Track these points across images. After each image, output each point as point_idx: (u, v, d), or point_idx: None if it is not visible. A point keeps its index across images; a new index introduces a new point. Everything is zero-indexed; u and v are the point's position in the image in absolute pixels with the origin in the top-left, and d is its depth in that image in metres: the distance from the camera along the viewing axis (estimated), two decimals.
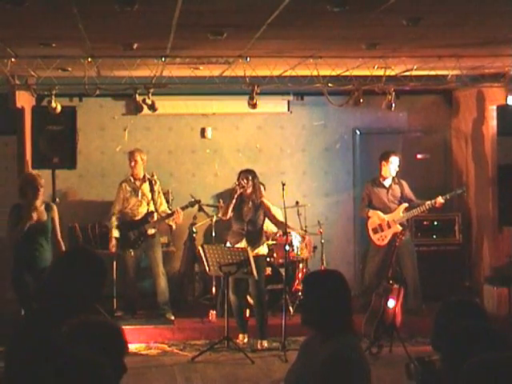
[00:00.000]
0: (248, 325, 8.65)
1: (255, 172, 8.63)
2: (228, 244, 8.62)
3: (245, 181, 8.44)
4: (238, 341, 8.47)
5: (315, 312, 3.66)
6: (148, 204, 9.38)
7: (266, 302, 8.62)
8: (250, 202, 8.53)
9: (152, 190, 9.35)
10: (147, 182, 9.38)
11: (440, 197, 9.23)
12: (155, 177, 9.52)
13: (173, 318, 9.23)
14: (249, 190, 8.48)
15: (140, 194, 9.36)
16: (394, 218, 9.37)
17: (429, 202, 9.26)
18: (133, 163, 9.35)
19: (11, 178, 9.43)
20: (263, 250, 8.62)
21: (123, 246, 9.32)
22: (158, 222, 9.34)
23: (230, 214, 8.48)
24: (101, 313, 8.60)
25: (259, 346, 8.43)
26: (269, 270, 9.17)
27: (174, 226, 9.49)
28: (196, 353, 8.25)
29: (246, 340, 8.54)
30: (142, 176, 9.38)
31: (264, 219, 8.59)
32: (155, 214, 9.34)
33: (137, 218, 9.34)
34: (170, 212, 9.32)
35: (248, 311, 8.78)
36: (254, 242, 8.51)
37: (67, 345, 2.92)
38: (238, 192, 8.41)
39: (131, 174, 9.40)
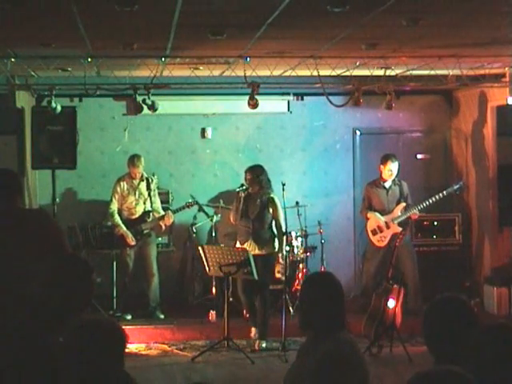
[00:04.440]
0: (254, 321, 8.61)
1: (262, 168, 8.59)
2: (238, 243, 8.58)
3: (247, 181, 8.42)
4: (251, 335, 8.49)
5: (311, 314, 3.69)
6: (145, 203, 9.38)
7: (269, 302, 8.61)
8: (258, 200, 8.47)
9: (148, 189, 9.36)
10: (144, 181, 9.38)
11: (434, 196, 9.29)
12: (155, 177, 9.52)
13: (162, 316, 9.24)
14: (255, 188, 8.45)
15: (137, 193, 9.36)
16: (392, 218, 9.37)
17: (426, 203, 9.31)
18: (134, 170, 9.29)
19: None
20: (272, 249, 8.55)
21: (120, 245, 9.32)
22: (152, 223, 9.34)
23: (239, 217, 8.45)
24: (100, 312, 8.64)
25: (256, 347, 8.42)
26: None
27: (163, 228, 9.44)
28: (196, 353, 8.25)
29: (259, 345, 8.47)
30: (139, 176, 9.38)
31: (272, 217, 8.49)
32: (151, 214, 9.34)
33: (134, 217, 9.34)
34: (162, 214, 9.33)
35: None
36: (262, 241, 8.46)
37: (63, 351, 2.92)
38: (242, 194, 8.38)
39: (130, 174, 9.37)
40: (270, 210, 8.47)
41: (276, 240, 8.52)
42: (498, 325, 2.98)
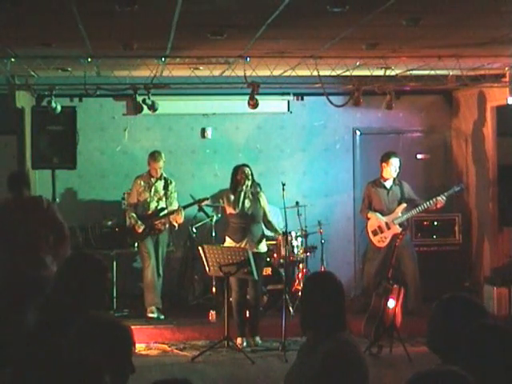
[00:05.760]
0: (247, 326, 8.59)
1: None
2: (229, 240, 8.54)
3: (244, 175, 8.42)
4: (237, 344, 8.42)
5: (311, 314, 3.69)
6: (158, 201, 9.41)
7: (260, 299, 8.69)
8: (250, 195, 8.51)
9: (166, 189, 9.40)
10: (162, 181, 9.44)
11: (439, 197, 9.21)
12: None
13: (162, 316, 9.23)
14: (249, 183, 8.47)
15: (153, 191, 9.41)
16: (393, 219, 9.35)
17: (428, 203, 9.24)
18: (155, 165, 9.31)
19: None
20: (263, 247, 8.60)
21: (135, 238, 9.36)
22: (164, 217, 9.35)
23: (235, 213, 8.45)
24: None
25: (253, 342, 8.44)
26: (269, 270, 9.17)
27: (176, 226, 9.49)
28: (196, 353, 8.25)
29: (245, 344, 8.47)
30: (159, 175, 9.41)
31: (263, 213, 8.55)
32: (165, 211, 9.38)
33: (147, 213, 9.38)
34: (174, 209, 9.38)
35: (248, 311, 8.75)
36: (257, 238, 8.48)
37: (72, 349, 2.92)
38: (246, 182, 8.38)
39: (149, 172, 9.41)
40: (261, 203, 8.50)
41: (264, 240, 8.61)
42: (490, 326, 2.96)
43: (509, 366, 2.80)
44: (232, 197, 8.47)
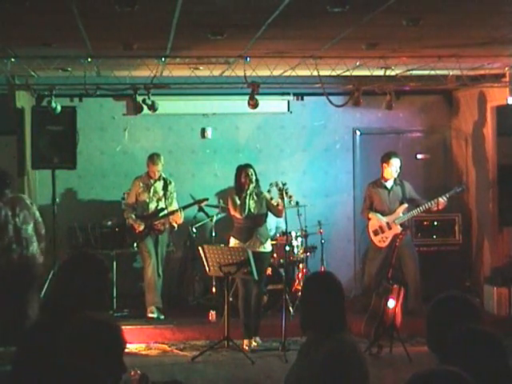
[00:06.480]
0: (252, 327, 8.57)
1: None
2: (235, 241, 8.52)
3: (249, 176, 8.41)
4: (244, 346, 8.36)
5: (311, 314, 3.69)
6: (158, 201, 9.41)
7: (263, 298, 8.69)
8: (255, 196, 8.52)
9: (165, 189, 9.41)
10: (161, 181, 9.44)
11: (441, 197, 9.21)
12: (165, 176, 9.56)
13: (162, 316, 9.22)
14: (253, 185, 8.47)
15: (152, 191, 9.40)
16: (394, 219, 9.35)
17: (430, 203, 9.24)
18: (153, 168, 9.31)
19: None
20: (268, 246, 8.61)
21: (134, 237, 9.36)
22: (163, 218, 9.35)
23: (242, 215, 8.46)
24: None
25: (254, 343, 8.43)
26: (269, 270, 9.17)
27: (175, 226, 9.49)
28: (196, 353, 8.25)
29: (252, 345, 8.41)
30: (157, 177, 9.41)
31: (267, 208, 8.56)
32: (165, 211, 9.38)
33: (147, 213, 9.37)
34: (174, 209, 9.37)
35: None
36: (263, 237, 8.51)
37: (65, 351, 2.92)
38: (250, 186, 8.38)
39: (148, 174, 9.41)
40: (265, 200, 8.51)
41: (269, 239, 8.67)
42: (473, 330, 2.95)
43: (494, 370, 2.79)
44: (237, 199, 8.45)
